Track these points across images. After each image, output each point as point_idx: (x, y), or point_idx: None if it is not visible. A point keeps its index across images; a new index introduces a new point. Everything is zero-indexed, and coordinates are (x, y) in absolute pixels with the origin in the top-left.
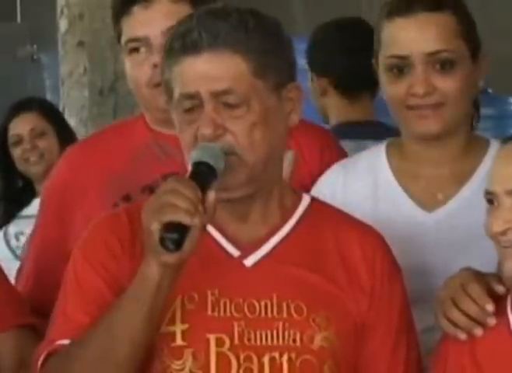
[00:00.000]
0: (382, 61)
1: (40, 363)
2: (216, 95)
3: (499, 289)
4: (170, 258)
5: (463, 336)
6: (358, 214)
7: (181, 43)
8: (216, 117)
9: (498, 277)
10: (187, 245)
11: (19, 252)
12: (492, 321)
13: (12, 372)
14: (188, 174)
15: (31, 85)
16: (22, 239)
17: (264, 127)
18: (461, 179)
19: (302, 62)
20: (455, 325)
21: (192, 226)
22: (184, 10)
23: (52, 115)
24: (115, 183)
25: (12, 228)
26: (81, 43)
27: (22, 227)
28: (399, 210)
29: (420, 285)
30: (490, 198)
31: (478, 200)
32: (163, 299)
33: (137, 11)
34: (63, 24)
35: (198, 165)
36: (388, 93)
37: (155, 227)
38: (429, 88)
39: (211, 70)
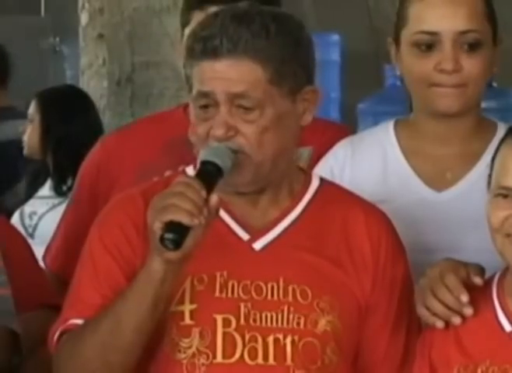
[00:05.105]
0: (408, 37)
1: (54, 340)
2: (231, 98)
3: (476, 280)
4: (172, 255)
5: (440, 324)
6: (367, 190)
7: (202, 47)
8: (229, 119)
9: (480, 267)
10: (189, 243)
11: (30, 230)
12: (468, 311)
13: (34, 351)
14: (195, 172)
15: (53, 75)
16: (35, 219)
17: (275, 131)
18: (470, 159)
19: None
20: (434, 314)
21: (193, 226)
22: None
23: (45, 104)
24: (147, 172)
25: (27, 207)
26: (100, 36)
27: (36, 207)
28: (408, 189)
29: (428, 264)
30: (506, 194)
31: (486, 182)
32: (167, 291)
33: None
34: (84, 18)
35: (204, 164)
36: (413, 69)
37: (157, 226)
38: (457, 65)
39: (228, 73)
